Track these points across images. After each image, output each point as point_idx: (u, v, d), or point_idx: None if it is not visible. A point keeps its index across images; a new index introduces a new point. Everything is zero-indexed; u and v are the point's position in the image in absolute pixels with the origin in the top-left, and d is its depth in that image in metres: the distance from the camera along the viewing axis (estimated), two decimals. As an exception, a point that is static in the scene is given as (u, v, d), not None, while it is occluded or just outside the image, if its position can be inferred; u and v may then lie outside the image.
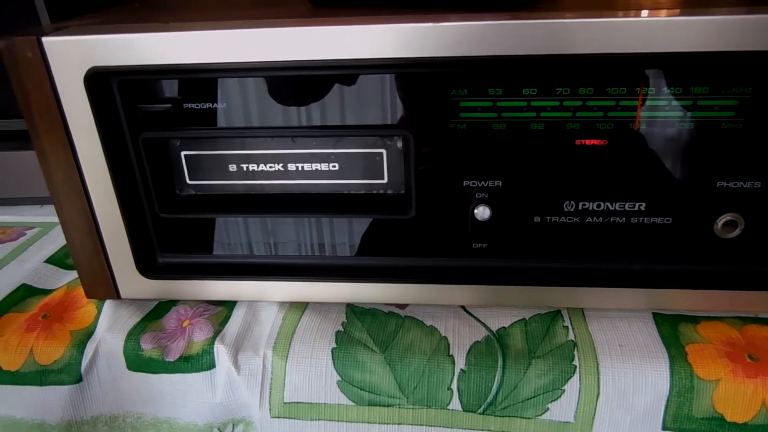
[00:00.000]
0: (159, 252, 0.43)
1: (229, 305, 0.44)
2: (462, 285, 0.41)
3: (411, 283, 0.42)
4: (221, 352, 0.39)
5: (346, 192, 0.40)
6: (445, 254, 0.41)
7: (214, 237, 0.42)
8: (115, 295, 0.43)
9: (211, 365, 0.39)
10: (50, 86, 0.36)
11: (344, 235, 0.42)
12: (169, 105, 0.37)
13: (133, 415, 0.42)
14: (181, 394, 0.40)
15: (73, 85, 0.36)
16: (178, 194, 0.41)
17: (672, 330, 0.39)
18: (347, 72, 0.36)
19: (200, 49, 0.35)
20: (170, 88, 0.37)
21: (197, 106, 0.37)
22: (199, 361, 0.39)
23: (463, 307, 0.43)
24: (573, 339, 0.39)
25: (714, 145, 0.36)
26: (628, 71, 0.34)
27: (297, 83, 0.36)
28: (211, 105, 0.37)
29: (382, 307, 0.43)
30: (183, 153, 0.40)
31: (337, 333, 0.40)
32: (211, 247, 0.43)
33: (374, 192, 0.40)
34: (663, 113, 0.35)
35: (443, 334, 0.40)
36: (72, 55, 0.35)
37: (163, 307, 0.44)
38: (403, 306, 0.43)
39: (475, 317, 0.41)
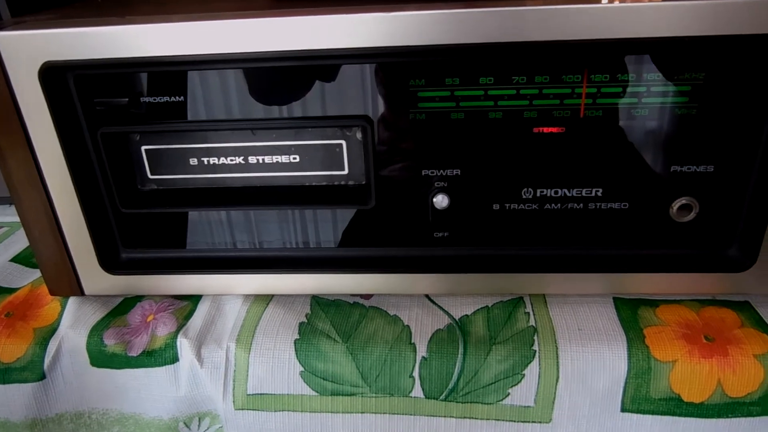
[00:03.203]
0: (122, 247, 0.43)
1: (195, 299, 0.44)
2: (425, 274, 0.42)
3: (375, 274, 0.42)
4: (184, 346, 0.39)
5: (307, 184, 0.40)
6: (408, 244, 0.41)
7: (178, 231, 0.42)
8: (79, 291, 0.43)
9: (175, 359, 0.39)
10: (5, 82, 0.36)
11: (308, 227, 0.42)
12: (126, 99, 0.37)
13: (99, 412, 0.42)
14: (145, 388, 0.40)
15: (27, 80, 0.36)
16: (140, 189, 0.41)
17: (631, 314, 0.39)
18: (305, 63, 0.36)
19: (156, 42, 0.35)
20: (127, 82, 0.37)
21: (155, 99, 0.37)
22: (162, 355, 0.39)
23: (427, 296, 0.43)
24: (533, 324, 0.39)
25: (668, 130, 0.37)
26: (581, 59, 0.35)
27: (264, 79, 0.37)
28: (168, 98, 0.37)
29: (348, 298, 0.43)
30: (143, 147, 0.40)
31: (301, 324, 0.40)
32: (174, 242, 0.43)
33: (335, 183, 0.40)
34: (617, 100, 0.36)
35: (406, 323, 0.40)
36: (26, 50, 0.35)
37: (128, 303, 0.44)
38: (368, 296, 0.43)
39: (438, 306, 0.42)
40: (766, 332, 0.37)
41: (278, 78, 0.37)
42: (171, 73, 0.36)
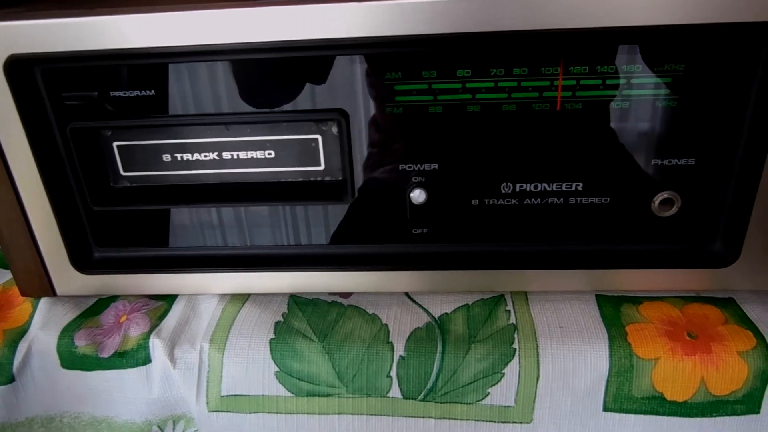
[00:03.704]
0: (94, 246, 0.42)
1: (170, 299, 0.43)
2: (405, 271, 0.41)
3: (353, 271, 0.41)
4: (157, 346, 0.38)
5: (283, 180, 0.39)
6: (386, 241, 0.40)
7: (152, 230, 0.41)
8: (51, 292, 0.42)
9: (147, 360, 0.38)
10: (-31, 76, 0.35)
11: (285, 224, 0.41)
12: (96, 93, 0.36)
13: (71, 415, 0.41)
14: (117, 390, 0.39)
15: (-8, 74, 0.35)
16: (113, 186, 0.40)
17: (614, 311, 0.39)
18: (278, 55, 0.35)
19: (126, 33, 0.34)
20: (96, 75, 0.36)
21: (125, 94, 0.36)
22: (134, 357, 0.38)
23: (407, 294, 0.42)
24: (514, 322, 0.38)
25: (649, 123, 0.36)
26: (559, 50, 0.34)
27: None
28: (139, 93, 0.36)
29: (326, 297, 0.42)
30: (115, 144, 0.39)
31: (277, 323, 0.39)
32: (149, 240, 0.42)
33: (311, 179, 0.39)
34: (597, 92, 0.35)
35: (384, 322, 0.39)
36: (-10, 43, 0.35)
37: (102, 304, 0.43)
38: (347, 295, 0.42)
39: (418, 304, 0.41)
40: (750, 329, 0.36)
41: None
42: (141, 66, 0.35)
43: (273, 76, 0.36)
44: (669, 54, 0.34)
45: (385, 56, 0.35)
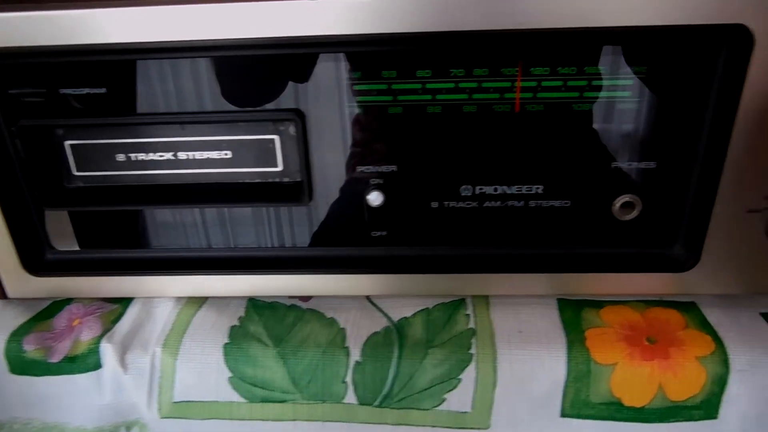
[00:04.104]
0: (47, 248, 0.41)
1: (126, 302, 0.42)
2: (365, 275, 0.40)
3: (313, 274, 0.40)
4: (108, 351, 0.37)
5: (240, 181, 0.39)
6: (345, 243, 0.40)
7: (107, 231, 0.41)
8: (2, 295, 0.41)
9: (97, 365, 0.37)
10: None
11: (242, 226, 0.40)
12: (43, 90, 0.35)
13: (21, 421, 0.40)
14: (68, 396, 0.38)
15: (-64, 69, 0.34)
16: (66, 186, 0.39)
17: (575, 315, 0.38)
18: (231, 53, 0.34)
19: (75, 29, 0.33)
20: (45, 72, 0.35)
21: (74, 91, 0.36)
22: (84, 361, 0.37)
23: (369, 298, 0.41)
24: (473, 327, 0.38)
25: (609, 125, 0.36)
26: (520, 51, 0.33)
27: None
28: (90, 90, 0.36)
29: (285, 300, 0.41)
30: (67, 143, 0.38)
31: (232, 328, 0.38)
32: (103, 242, 0.41)
33: (269, 180, 0.38)
34: (559, 94, 0.35)
35: (342, 326, 0.38)
36: (-66, 38, 0.34)
37: (57, 306, 0.42)
38: (306, 298, 0.42)
39: (378, 308, 0.40)
40: (710, 333, 0.36)
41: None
42: (91, 63, 0.35)
43: (229, 74, 0.35)
44: (631, 56, 0.33)
45: (343, 56, 0.34)
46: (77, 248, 0.41)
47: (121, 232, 0.41)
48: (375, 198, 0.37)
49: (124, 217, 0.40)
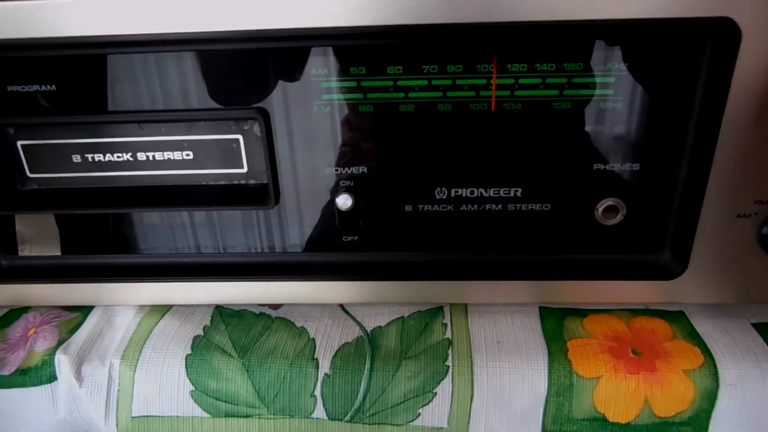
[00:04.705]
0: (1, 254, 0.38)
1: (85, 311, 0.40)
2: (337, 282, 0.38)
3: (283, 281, 0.38)
4: (62, 363, 0.35)
5: (203, 183, 0.37)
6: (315, 248, 0.38)
7: (64, 236, 0.38)
8: (-46, 302, 0.39)
9: (52, 378, 0.35)
10: None
11: (207, 230, 0.38)
12: (-12, 87, 0.33)
13: (-27, 437, 0.38)
14: (21, 410, 0.36)
15: None
16: (20, 189, 0.37)
17: (557, 325, 0.36)
18: (188, 48, 0.32)
19: (25, 22, 0.31)
20: (-10, 67, 0.33)
21: (23, 89, 0.33)
22: (37, 374, 0.35)
23: (342, 306, 0.39)
24: (449, 337, 0.36)
25: (591, 125, 0.34)
26: (496, 46, 0.32)
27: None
28: (39, 87, 0.33)
29: (254, 308, 0.39)
30: (19, 143, 0.36)
31: (195, 338, 0.36)
32: (62, 247, 0.39)
33: (234, 182, 0.36)
34: (537, 92, 0.33)
35: (312, 336, 0.36)
36: None
37: (13, 315, 0.40)
38: (276, 306, 0.40)
39: (351, 317, 0.38)
40: (699, 345, 0.34)
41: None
42: (36, 58, 0.32)
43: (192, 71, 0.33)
44: (613, 51, 0.32)
45: (308, 51, 0.32)
46: (33, 254, 0.39)
47: (81, 237, 0.39)
48: (344, 201, 0.35)
49: (84, 221, 0.38)
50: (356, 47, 0.32)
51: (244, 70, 0.33)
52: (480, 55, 0.32)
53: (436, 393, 0.34)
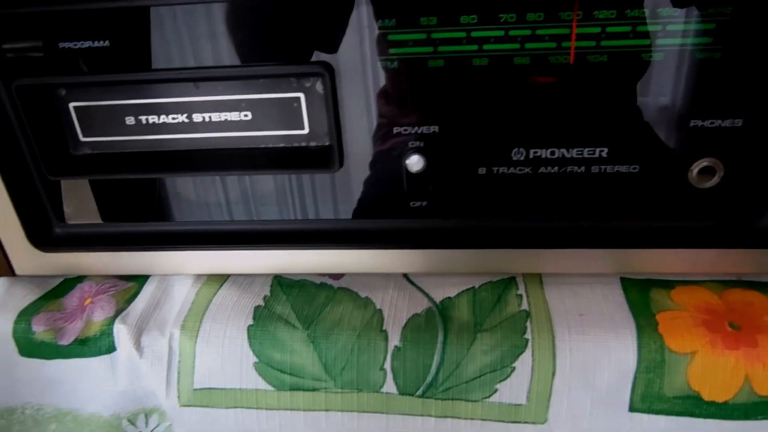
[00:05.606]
0: (54, 221, 0.37)
1: (141, 280, 0.38)
2: (403, 250, 0.36)
3: (345, 249, 0.36)
4: (122, 333, 0.34)
5: (262, 145, 0.35)
6: (381, 215, 0.35)
7: (120, 202, 0.37)
8: (9, 271, 0.38)
9: (111, 348, 0.34)
10: None
11: (267, 196, 0.36)
12: (39, 43, 0.31)
13: (33, 407, 0.37)
14: (81, 381, 0.35)
15: None
16: (72, 154, 0.36)
17: (642, 296, 0.34)
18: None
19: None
20: (40, 23, 0.31)
21: (75, 45, 0.32)
22: (96, 344, 0.34)
23: (406, 275, 0.37)
24: (527, 309, 0.33)
25: (687, 77, 0.30)
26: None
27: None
28: (92, 44, 0.32)
29: (314, 278, 0.38)
30: (71, 104, 0.34)
31: (256, 308, 0.35)
32: (115, 214, 0.37)
33: (294, 144, 0.34)
34: (626, 42, 0.30)
35: (378, 307, 0.34)
36: None
37: (68, 284, 0.39)
38: (338, 276, 0.38)
39: (418, 287, 0.36)
40: (803, 318, 0.31)
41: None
42: (90, 11, 0.30)
43: (248, 24, 0.31)
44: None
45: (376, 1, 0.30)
46: (89, 221, 0.37)
47: (135, 204, 0.37)
48: (415, 163, 0.32)
49: (138, 186, 0.37)
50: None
51: (307, 22, 0.30)
52: (563, 2, 0.29)
53: (514, 368, 0.32)
